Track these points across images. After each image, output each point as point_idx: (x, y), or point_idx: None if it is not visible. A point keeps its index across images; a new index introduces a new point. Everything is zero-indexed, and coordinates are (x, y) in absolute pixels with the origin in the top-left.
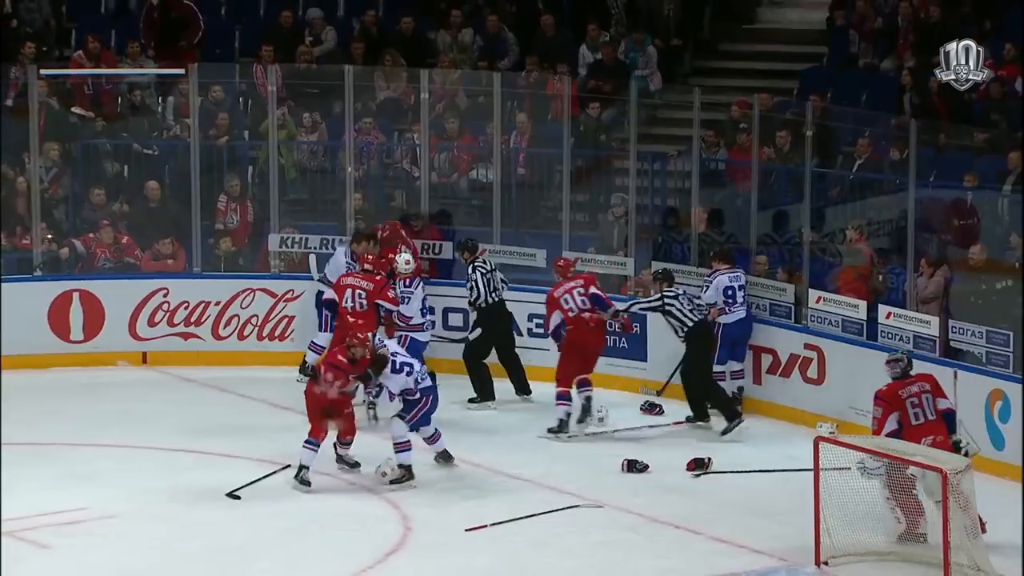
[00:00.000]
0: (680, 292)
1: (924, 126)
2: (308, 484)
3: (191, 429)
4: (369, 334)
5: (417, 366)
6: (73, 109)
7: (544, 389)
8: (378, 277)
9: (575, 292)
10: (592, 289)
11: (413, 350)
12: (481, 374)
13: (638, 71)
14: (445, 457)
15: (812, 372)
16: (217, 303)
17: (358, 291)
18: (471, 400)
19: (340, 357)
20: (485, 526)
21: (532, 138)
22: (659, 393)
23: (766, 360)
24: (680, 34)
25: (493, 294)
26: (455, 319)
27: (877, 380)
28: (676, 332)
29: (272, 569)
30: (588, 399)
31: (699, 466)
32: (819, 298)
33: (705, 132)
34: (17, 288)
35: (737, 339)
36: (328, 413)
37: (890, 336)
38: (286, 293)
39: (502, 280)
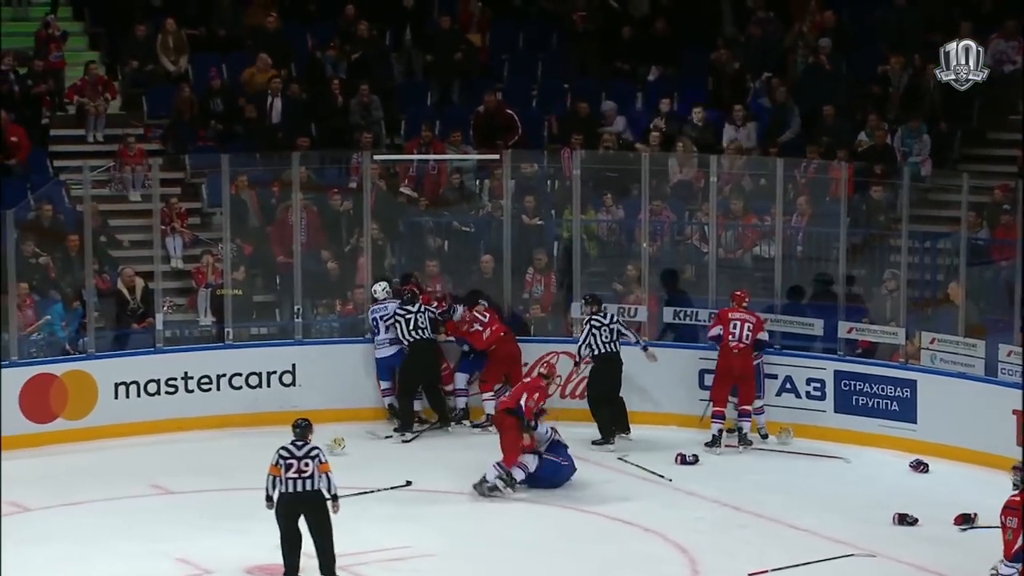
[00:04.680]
0: (607, 321)
1: None
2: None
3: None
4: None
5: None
6: (401, 189)
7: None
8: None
9: (746, 325)
10: (760, 334)
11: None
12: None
13: (912, 157)
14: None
15: None
16: (525, 364)
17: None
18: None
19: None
20: (767, 572)
21: (811, 217)
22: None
23: None
24: (950, 122)
25: (414, 332)
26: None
27: None
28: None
29: None
30: (740, 428)
31: (965, 521)
32: None
33: (970, 213)
34: (349, 349)
35: None
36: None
37: None
38: (586, 356)
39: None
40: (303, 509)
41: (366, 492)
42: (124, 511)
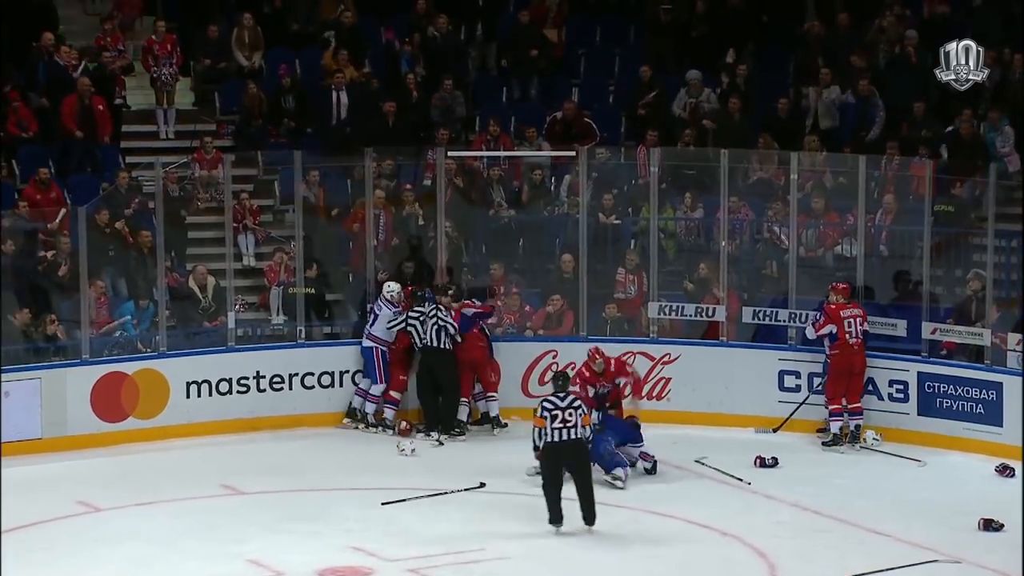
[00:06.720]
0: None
1: None
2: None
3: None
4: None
5: None
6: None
7: None
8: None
9: (857, 319)
10: (865, 324)
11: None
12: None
13: (998, 149)
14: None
15: None
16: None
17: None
18: (418, 430)
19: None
20: None
21: (895, 215)
22: (775, 430)
23: None
24: None
25: (426, 337)
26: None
27: None
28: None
29: None
30: (858, 426)
31: None
32: None
33: None
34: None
35: None
36: None
37: None
38: (663, 356)
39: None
40: (567, 456)
41: (440, 493)
42: (195, 511)
